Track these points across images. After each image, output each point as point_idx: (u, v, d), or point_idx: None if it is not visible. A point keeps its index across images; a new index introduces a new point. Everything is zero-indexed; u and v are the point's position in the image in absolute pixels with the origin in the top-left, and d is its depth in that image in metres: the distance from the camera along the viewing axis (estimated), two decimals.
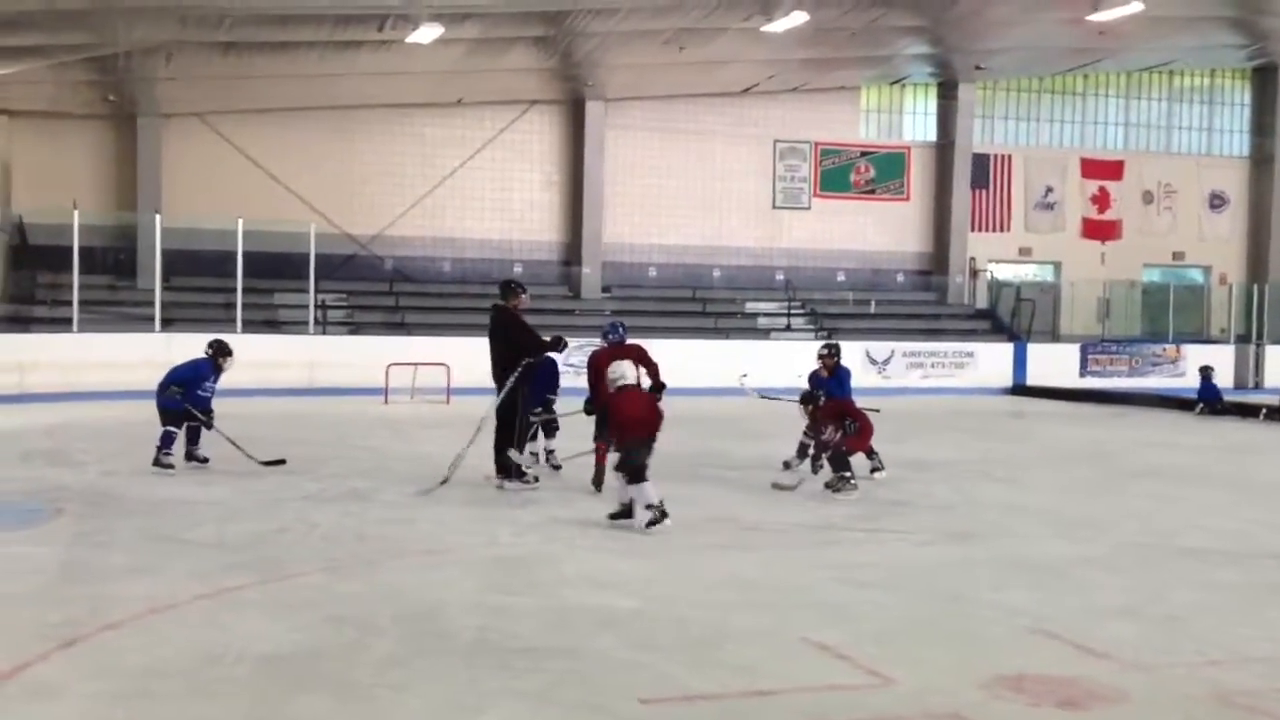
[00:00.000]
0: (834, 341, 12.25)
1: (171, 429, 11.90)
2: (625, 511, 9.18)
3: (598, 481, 10.78)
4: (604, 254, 28.55)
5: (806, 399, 11.83)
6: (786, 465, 12.68)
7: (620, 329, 11.20)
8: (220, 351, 12.49)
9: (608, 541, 8.79)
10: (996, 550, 8.73)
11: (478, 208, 28.07)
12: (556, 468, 12.10)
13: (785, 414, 19.12)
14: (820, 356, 12.91)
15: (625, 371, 9.64)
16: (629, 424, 9.31)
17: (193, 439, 12.09)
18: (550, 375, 12.55)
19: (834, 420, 11.32)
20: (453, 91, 26.63)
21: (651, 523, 8.93)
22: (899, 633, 6.39)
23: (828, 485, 11.01)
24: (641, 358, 9.97)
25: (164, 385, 12.13)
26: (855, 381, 18.38)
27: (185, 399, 11.91)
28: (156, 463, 11.70)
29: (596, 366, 9.87)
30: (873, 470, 11.90)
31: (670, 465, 12.69)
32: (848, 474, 10.95)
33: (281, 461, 12.00)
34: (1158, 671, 5.85)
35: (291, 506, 9.84)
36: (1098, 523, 10.05)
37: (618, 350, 10.25)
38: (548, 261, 28.63)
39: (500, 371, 11.28)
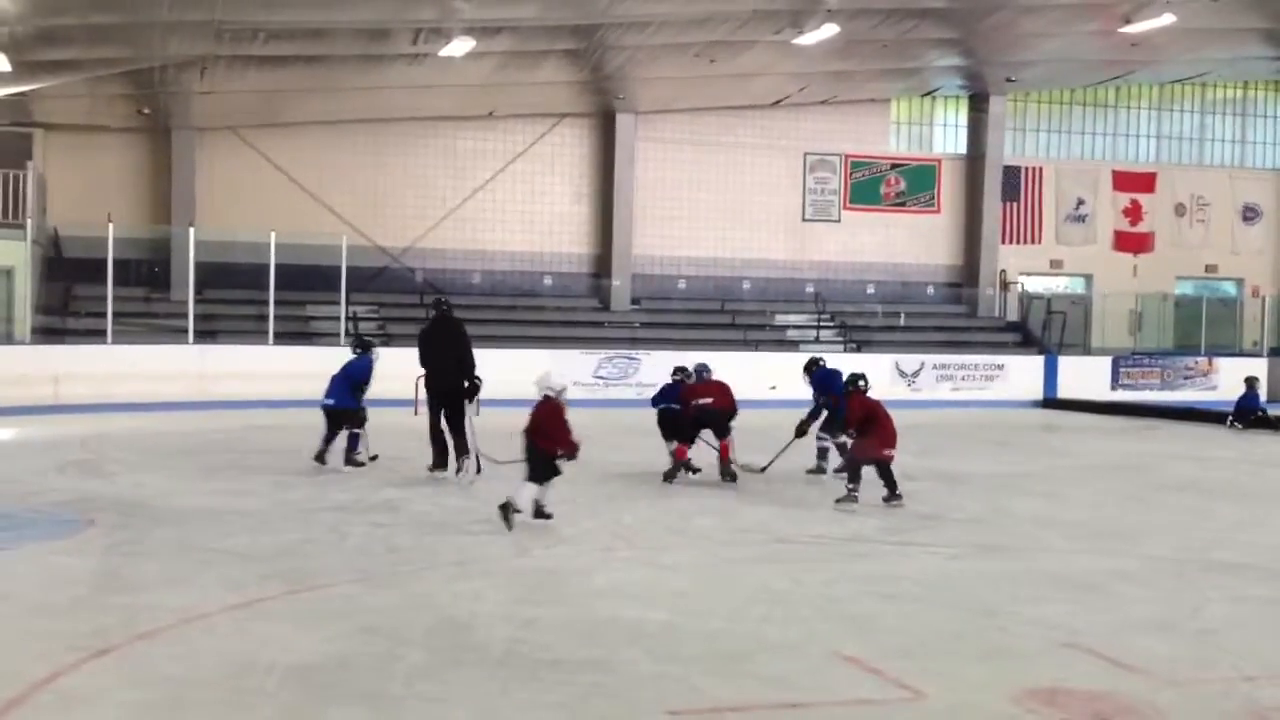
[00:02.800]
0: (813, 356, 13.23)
1: (357, 430, 13.05)
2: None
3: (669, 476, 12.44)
4: (634, 266, 28.58)
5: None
6: (813, 471, 13.36)
7: (708, 370, 13.29)
8: (372, 345, 14.00)
9: (638, 553, 8.80)
10: (1028, 564, 8.67)
11: (508, 220, 28.16)
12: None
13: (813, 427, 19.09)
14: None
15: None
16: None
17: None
18: None
19: (852, 425, 11.66)
20: (484, 104, 26.74)
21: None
22: (930, 646, 6.36)
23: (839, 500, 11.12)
24: (725, 392, 12.69)
25: (347, 388, 13.24)
26: (883, 394, 19.15)
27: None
28: (351, 461, 12.86)
29: (684, 396, 12.62)
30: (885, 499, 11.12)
31: (700, 476, 12.73)
32: (850, 485, 11.14)
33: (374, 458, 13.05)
34: (1192, 687, 5.80)
35: (322, 517, 9.88)
36: (1130, 536, 9.97)
37: (700, 387, 12.78)
38: (578, 274, 28.69)
39: (457, 379, 12.34)
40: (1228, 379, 27.24)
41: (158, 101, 24.12)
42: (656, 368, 23.70)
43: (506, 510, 9.32)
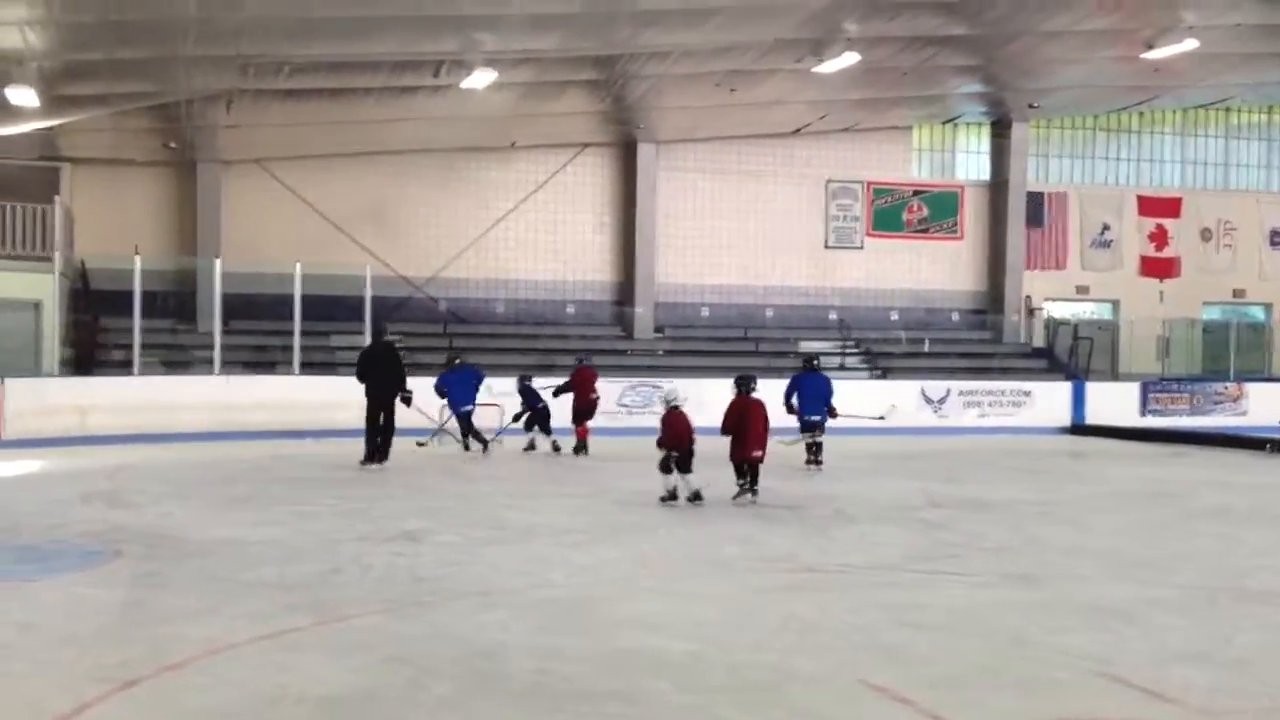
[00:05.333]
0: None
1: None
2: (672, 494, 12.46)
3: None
4: (657, 294, 28.61)
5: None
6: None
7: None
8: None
9: (661, 583, 8.75)
10: (1058, 592, 8.58)
11: (531, 249, 28.26)
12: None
13: (842, 453, 19.05)
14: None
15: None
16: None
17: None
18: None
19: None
20: (506, 135, 26.89)
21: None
22: (960, 676, 6.28)
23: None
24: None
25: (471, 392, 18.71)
26: (912, 420, 21.59)
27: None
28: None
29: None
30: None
31: (726, 505, 12.68)
32: (740, 482, 12.88)
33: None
34: (1227, 717, 5.71)
35: (347, 547, 9.87)
36: (1162, 564, 9.86)
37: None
38: (600, 302, 28.75)
39: (392, 393, 16.42)
40: (1258, 404, 27.05)
41: (184, 135, 24.35)
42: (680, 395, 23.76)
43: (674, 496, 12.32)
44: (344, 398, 19.44)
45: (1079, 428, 26.03)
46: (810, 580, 8.92)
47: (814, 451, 17.07)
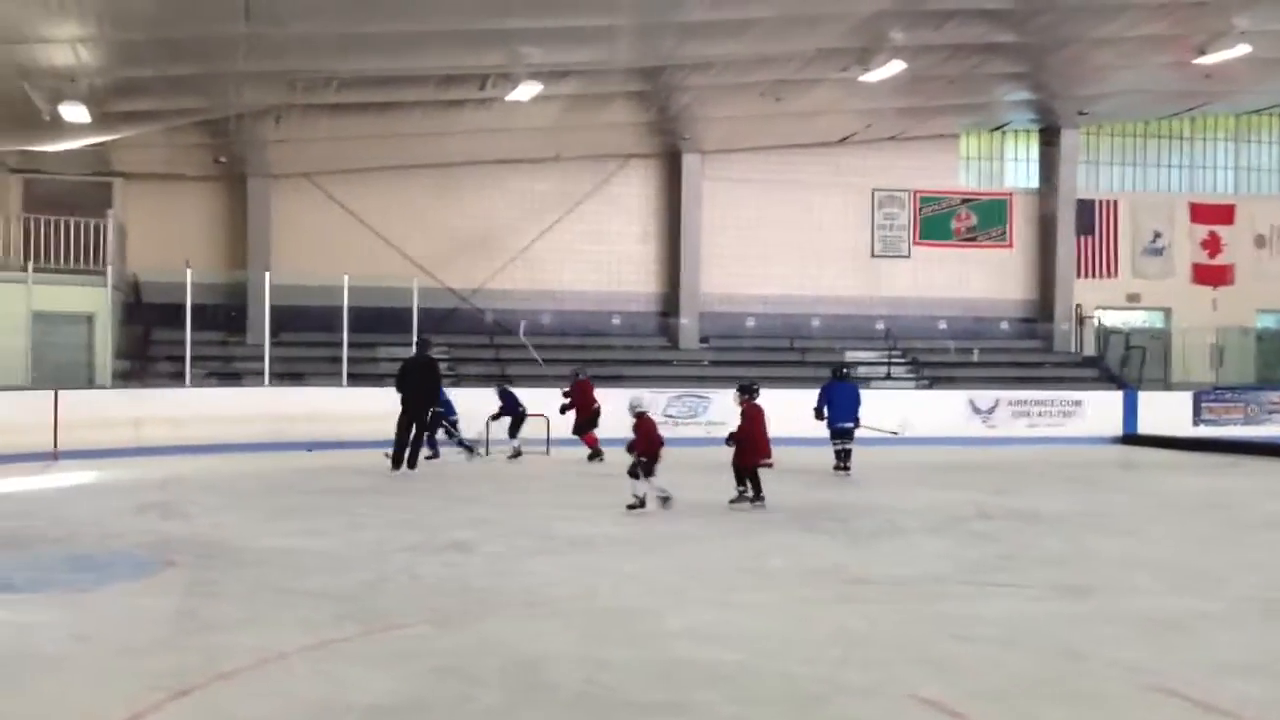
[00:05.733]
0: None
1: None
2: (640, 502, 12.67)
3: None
4: (702, 305, 28.59)
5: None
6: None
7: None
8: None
9: (709, 594, 8.72)
10: (1113, 605, 8.48)
11: (576, 261, 28.33)
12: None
13: (886, 464, 18.95)
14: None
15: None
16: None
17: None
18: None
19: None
20: (551, 147, 26.98)
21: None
22: (1013, 690, 6.22)
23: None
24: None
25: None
26: (960, 431, 21.49)
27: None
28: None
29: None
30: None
31: (772, 516, 12.65)
32: (740, 488, 13.27)
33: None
34: None
35: (396, 558, 9.92)
36: (1217, 576, 9.72)
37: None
38: (646, 313, 28.76)
39: (424, 405, 17.34)
40: None
41: (233, 150, 24.62)
42: (725, 406, 23.63)
43: (642, 503, 12.54)
44: (391, 409, 19.60)
45: (1130, 438, 25.73)
46: (859, 592, 8.87)
47: (844, 458, 17.69)
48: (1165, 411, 26.45)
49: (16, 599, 8.24)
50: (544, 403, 20.34)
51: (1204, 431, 26.18)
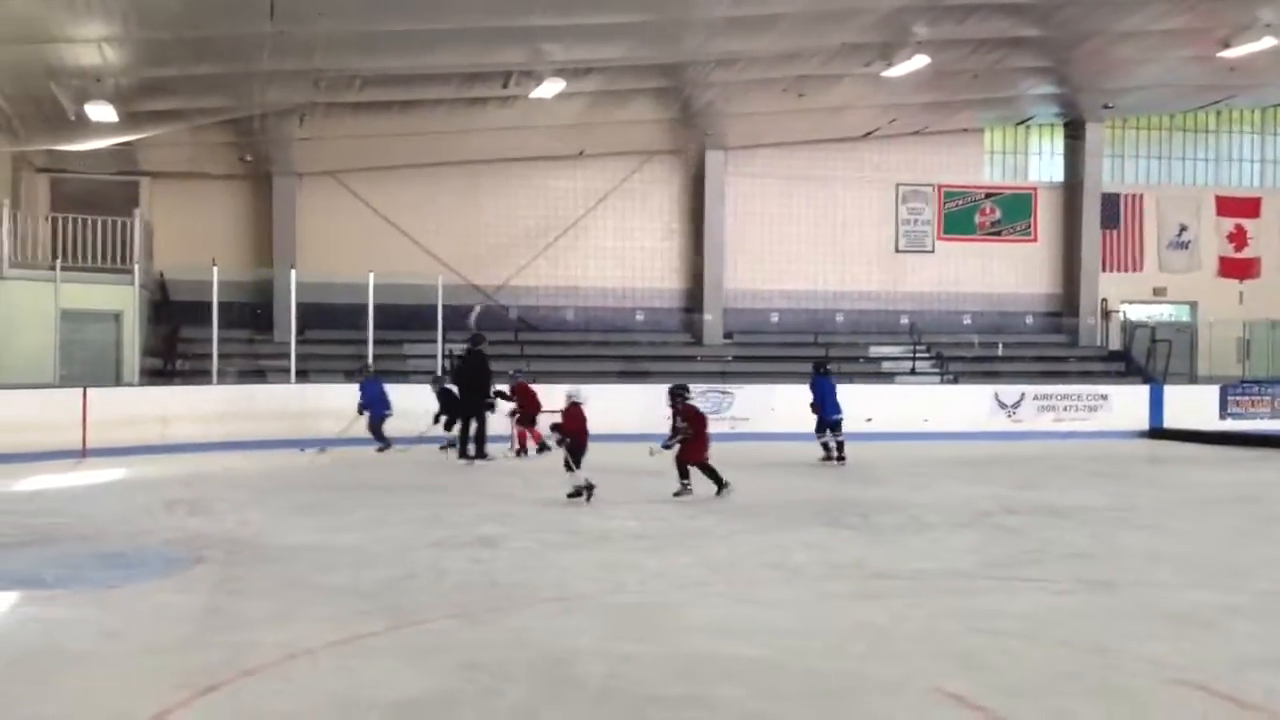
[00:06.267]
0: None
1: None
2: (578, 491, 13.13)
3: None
4: (725, 301, 28.58)
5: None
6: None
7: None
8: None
9: (733, 589, 8.74)
10: (1138, 599, 8.45)
11: (600, 257, 28.36)
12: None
13: (911, 459, 18.93)
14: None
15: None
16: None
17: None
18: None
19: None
20: (574, 144, 27.02)
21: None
22: (1037, 684, 6.21)
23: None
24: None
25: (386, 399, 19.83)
26: (983, 425, 21.59)
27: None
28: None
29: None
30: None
31: (796, 511, 12.66)
32: (684, 481, 13.73)
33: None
34: None
35: (422, 553, 9.97)
36: (1242, 571, 9.67)
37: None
38: (669, 309, 28.77)
39: (476, 399, 18.25)
40: None
41: (259, 148, 24.76)
42: (750, 402, 23.76)
43: (580, 493, 12.96)
44: (416, 406, 19.70)
45: (1157, 432, 25.59)
46: (883, 587, 8.87)
47: (839, 449, 18.58)
48: (1191, 405, 26.28)
49: (46, 595, 8.32)
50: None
51: (1231, 425, 26.01)
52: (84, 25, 16.45)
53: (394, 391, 20.39)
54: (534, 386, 20.06)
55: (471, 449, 18.35)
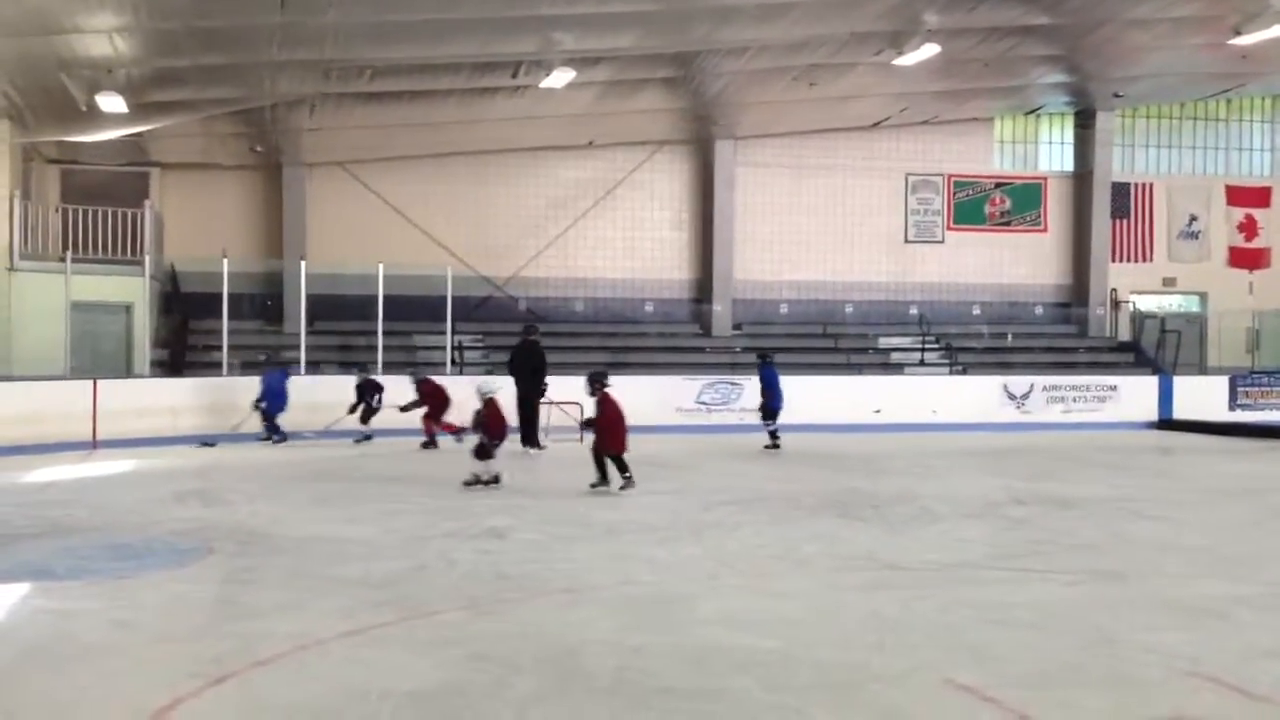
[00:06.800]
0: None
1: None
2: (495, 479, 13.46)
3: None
4: (735, 291, 28.57)
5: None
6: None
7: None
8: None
9: (744, 581, 8.75)
10: (1148, 590, 8.45)
11: (609, 248, 28.35)
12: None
13: (920, 450, 18.92)
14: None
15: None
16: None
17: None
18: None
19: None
20: (584, 134, 27.00)
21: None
22: (1048, 675, 6.22)
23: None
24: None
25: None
26: (992, 416, 21.45)
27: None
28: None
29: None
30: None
31: (806, 503, 12.66)
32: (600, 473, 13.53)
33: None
34: None
35: (433, 544, 10.00)
36: (1253, 561, 9.67)
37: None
38: (679, 299, 28.76)
39: (533, 386, 18.79)
40: None
41: (269, 139, 24.78)
42: (758, 393, 23.71)
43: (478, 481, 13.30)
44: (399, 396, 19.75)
45: (1166, 423, 25.54)
46: (893, 578, 8.87)
47: (776, 437, 19.42)
48: (1201, 396, 26.23)
49: (57, 587, 8.36)
50: (578, 392, 20.34)
51: (1240, 416, 25.95)
52: (95, 16, 16.47)
53: (409, 384, 20.37)
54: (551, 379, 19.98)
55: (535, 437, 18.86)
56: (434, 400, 19.49)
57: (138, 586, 8.43)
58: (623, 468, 13.53)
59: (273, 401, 19.74)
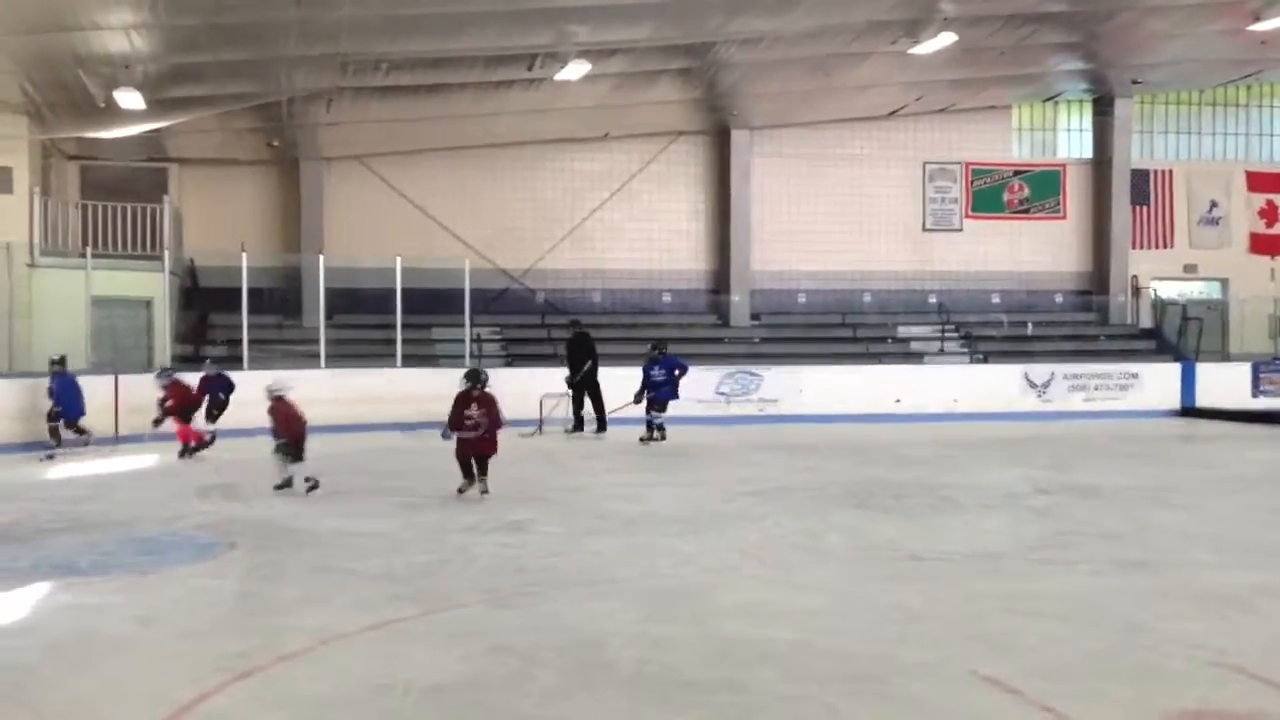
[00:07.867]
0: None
1: None
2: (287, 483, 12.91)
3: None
4: (752, 281, 28.49)
5: None
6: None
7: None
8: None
9: (766, 572, 8.74)
10: (1172, 579, 8.41)
11: (626, 239, 28.31)
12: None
13: (941, 440, 18.87)
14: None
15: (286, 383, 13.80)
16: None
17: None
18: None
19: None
20: (600, 126, 26.97)
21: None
22: (1073, 666, 6.19)
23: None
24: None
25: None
26: (1013, 405, 21.11)
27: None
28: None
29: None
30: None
31: (827, 493, 12.63)
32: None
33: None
34: None
35: (453, 538, 10.01)
36: (1277, 550, 9.60)
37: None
38: (696, 290, 28.71)
39: (589, 375, 20.25)
40: None
41: (286, 134, 24.81)
42: (778, 383, 23.72)
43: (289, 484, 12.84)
44: (446, 390, 19.66)
45: (1189, 410, 25.40)
46: (916, 569, 8.85)
47: (660, 429, 19.26)
48: (1224, 383, 26.07)
49: (81, 582, 8.39)
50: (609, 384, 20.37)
51: (1263, 403, 25.79)
52: (112, 12, 16.50)
53: (427, 377, 20.34)
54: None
55: (575, 422, 20.10)
56: (180, 402, 17.80)
57: (161, 582, 8.46)
58: (477, 471, 12.75)
59: (70, 410, 17.49)
